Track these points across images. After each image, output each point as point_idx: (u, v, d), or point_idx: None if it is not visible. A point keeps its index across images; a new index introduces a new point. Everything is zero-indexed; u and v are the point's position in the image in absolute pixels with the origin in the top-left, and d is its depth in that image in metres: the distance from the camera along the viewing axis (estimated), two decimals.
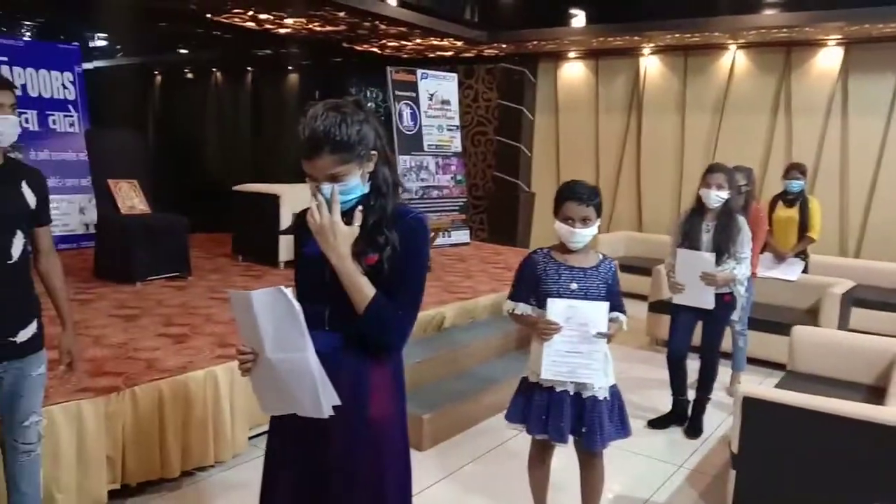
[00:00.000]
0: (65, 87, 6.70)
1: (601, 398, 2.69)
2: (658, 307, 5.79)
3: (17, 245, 2.32)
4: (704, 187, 3.98)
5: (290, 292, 1.55)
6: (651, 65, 8.84)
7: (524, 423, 2.76)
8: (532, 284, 2.73)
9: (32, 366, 2.41)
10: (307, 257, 1.77)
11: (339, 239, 1.64)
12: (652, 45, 8.53)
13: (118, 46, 8.48)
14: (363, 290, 1.66)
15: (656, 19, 7.61)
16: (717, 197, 3.94)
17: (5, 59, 6.28)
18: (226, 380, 3.39)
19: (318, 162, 1.63)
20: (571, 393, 2.68)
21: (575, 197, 2.62)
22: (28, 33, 7.64)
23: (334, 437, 1.71)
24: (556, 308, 2.61)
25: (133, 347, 3.64)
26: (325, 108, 1.65)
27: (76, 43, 7.06)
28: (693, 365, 4.29)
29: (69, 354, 2.53)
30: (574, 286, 2.67)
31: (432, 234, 6.49)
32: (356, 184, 1.68)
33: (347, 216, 1.69)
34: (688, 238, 4.03)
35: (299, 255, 1.83)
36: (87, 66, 7.30)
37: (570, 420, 2.67)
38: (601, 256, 2.77)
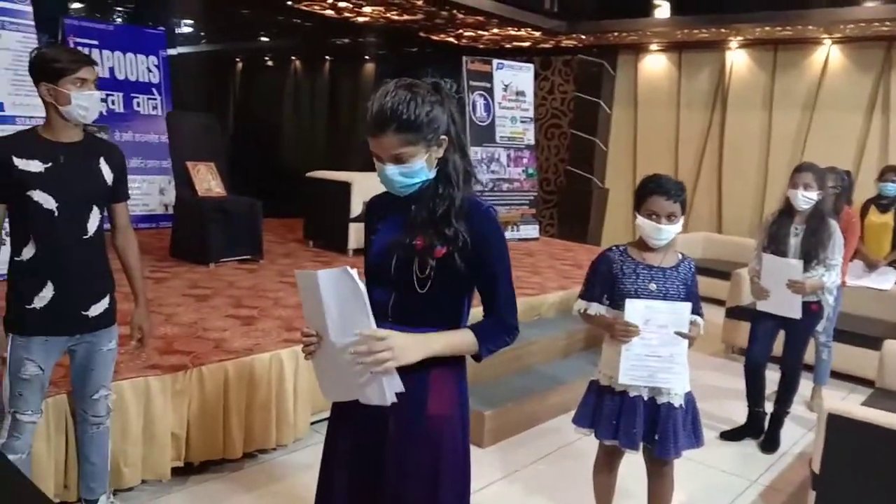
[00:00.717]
0: (149, 71, 6.90)
1: (676, 405, 2.56)
2: (736, 313, 5.54)
3: (93, 220, 2.36)
4: (791, 187, 3.75)
5: (355, 273, 1.50)
6: (738, 59, 8.46)
7: (593, 428, 2.65)
8: (607, 283, 2.61)
9: (103, 340, 2.45)
10: (375, 247, 1.73)
11: (406, 352, 1.56)
12: (740, 38, 8.16)
13: (202, 32, 8.71)
14: (463, 342, 1.66)
15: (746, 11, 7.27)
16: (804, 198, 3.70)
17: (95, 42, 6.51)
18: (290, 364, 3.40)
19: (384, 139, 1.59)
20: (646, 398, 2.55)
21: (662, 191, 2.48)
22: (119, 18, 7.93)
23: (391, 431, 1.67)
24: (635, 309, 2.48)
25: (202, 327, 3.70)
26: (398, 85, 1.60)
27: (162, 28, 7.26)
28: (772, 376, 4.07)
29: (140, 330, 2.57)
30: (653, 286, 2.53)
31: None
32: (421, 167, 1.61)
33: (413, 200, 1.65)
34: (774, 241, 3.81)
35: (368, 243, 1.79)
36: (172, 51, 7.51)
37: (642, 426, 2.54)
38: (680, 255, 2.63)
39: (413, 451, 1.68)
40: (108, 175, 2.40)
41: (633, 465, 2.80)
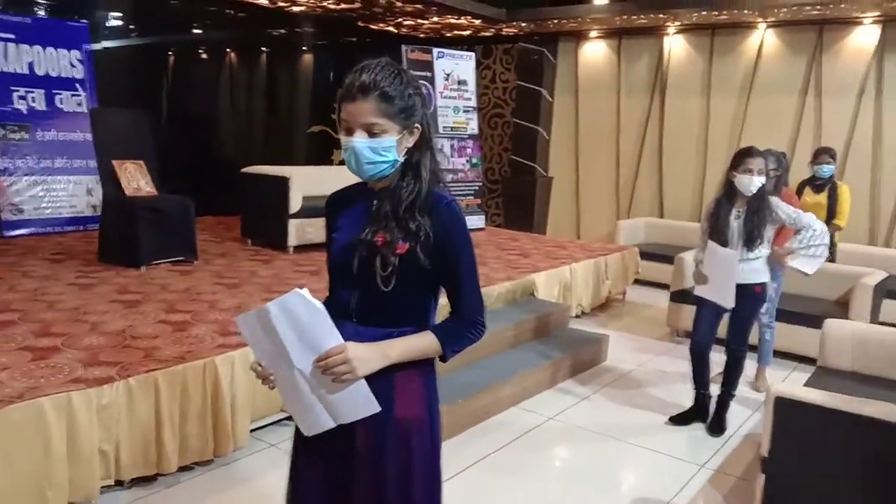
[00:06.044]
0: (73, 66, 6.55)
1: None
2: (680, 297, 5.58)
3: None
4: (743, 173, 3.72)
5: (306, 292, 1.46)
6: (676, 44, 8.54)
7: None
8: None
9: None
10: (336, 245, 1.67)
11: (364, 362, 1.53)
12: (677, 23, 8.23)
13: (130, 26, 8.33)
14: (424, 346, 1.62)
15: None
16: (757, 183, 3.71)
17: (12, 36, 6.14)
18: (226, 371, 3.23)
19: (362, 104, 1.54)
20: None
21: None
22: (40, 11, 7.50)
23: (360, 434, 1.62)
24: None
25: (131, 335, 3.50)
26: (385, 62, 1.59)
27: (85, 21, 6.90)
28: (717, 358, 4.09)
29: None
30: None
31: None
32: (391, 145, 1.57)
33: (375, 195, 1.62)
34: (716, 227, 3.81)
35: (330, 241, 1.72)
36: (97, 45, 7.16)
37: None
38: None
39: (384, 456, 1.63)
40: None
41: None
